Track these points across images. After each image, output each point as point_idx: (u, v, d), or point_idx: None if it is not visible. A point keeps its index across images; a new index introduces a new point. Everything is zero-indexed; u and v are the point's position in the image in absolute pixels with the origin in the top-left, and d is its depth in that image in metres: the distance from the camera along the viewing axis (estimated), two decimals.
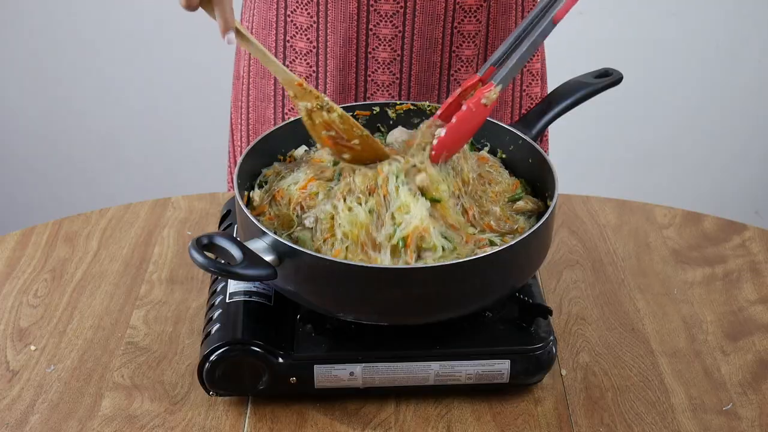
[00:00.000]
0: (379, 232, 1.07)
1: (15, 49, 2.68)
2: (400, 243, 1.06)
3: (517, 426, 1.10)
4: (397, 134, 1.28)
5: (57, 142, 2.80)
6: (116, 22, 2.65)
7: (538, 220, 1.11)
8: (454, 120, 1.13)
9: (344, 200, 1.10)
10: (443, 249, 1.07)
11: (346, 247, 1.07)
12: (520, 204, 1.18)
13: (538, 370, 1.12)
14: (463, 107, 1.13)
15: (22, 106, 2.76)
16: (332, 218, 1.09)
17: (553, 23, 1.14)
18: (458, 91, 1.18)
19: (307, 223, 1.11)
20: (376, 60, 1.39)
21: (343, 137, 1.14)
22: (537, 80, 1.50)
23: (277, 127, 1.25)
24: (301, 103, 1.14)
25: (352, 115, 1.29)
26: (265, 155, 1.22)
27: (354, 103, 1.31)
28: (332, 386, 1.10)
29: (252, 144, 1.20)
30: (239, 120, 1.56)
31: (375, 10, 1.35)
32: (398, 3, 1.35)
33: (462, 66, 1.42)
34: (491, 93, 1.13)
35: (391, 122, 1.31)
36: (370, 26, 1.36)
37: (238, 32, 1.08)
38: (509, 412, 1.12)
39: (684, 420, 1.11)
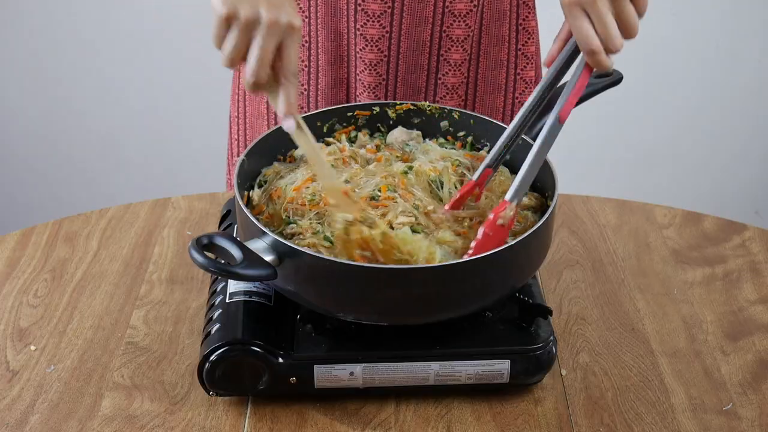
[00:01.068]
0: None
1: (15, 49, 2.68)
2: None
3: (517, 426, 1.10)
4: (397, 134, 1.28)
5: (57, 142, 2.80)
6: (116, 22, 2.65)
7: (542, 215, 1.11)
8: (471, 251, 1.06)
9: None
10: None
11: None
12: (525, 200, 1.18)
13: (538, 370, 1.12)
14: (479, 233, 1.07)
15: (22, 106, 2.76)
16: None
17: (560, 123, 1.07)
18: (455, 197, 1.14)
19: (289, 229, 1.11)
20: (363, 61, 1.39)
21: (378, 259, 1.04)
22: (531, 64, 1.49)
23: (277, 126, 1.24)
24: (341, 215, 1.05)
25: (352, 116, 1.30)
26: (265, 155, 1.22)
27: (354, 104, 1.31)
28: (332, 386, 1.10)
29: (252, 144, 1.20)
30: (237, 113, 1.56)
31: (363, 9, 1.35)
32: (386, 3, 1.35)
33: (450, 70, 1.41)
34: (507, 212, 1.08)
35: (391, 122, 1.31)
36: (358, 26, 1.36)
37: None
38: (509, 412, 1.12)
39: (684, 420, 1.11)
